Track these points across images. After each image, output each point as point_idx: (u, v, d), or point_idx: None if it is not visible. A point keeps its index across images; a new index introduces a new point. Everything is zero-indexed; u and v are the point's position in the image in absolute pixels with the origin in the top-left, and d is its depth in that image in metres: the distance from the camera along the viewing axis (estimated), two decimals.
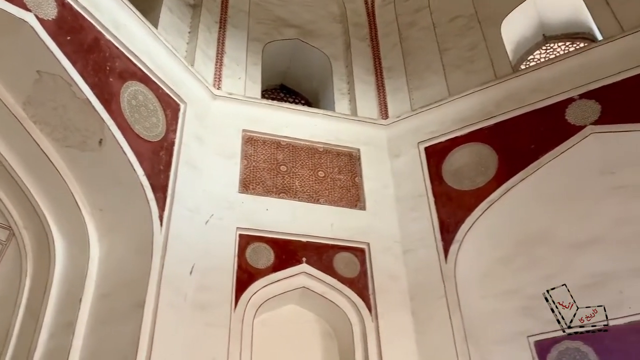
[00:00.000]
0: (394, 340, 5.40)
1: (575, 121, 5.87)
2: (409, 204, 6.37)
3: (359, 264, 5.88)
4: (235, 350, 4.93)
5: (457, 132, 6.56)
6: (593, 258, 5.75)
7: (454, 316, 5.44)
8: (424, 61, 7.56)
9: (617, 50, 5.97)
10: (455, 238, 5.93)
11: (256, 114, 6.55)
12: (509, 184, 5.96)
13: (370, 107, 7.27)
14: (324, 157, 6.57)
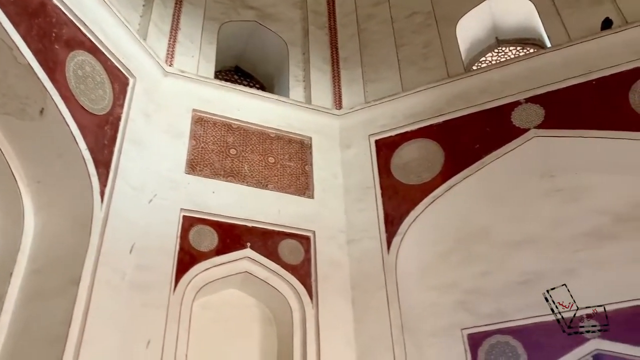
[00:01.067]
0: (332, 328, 5.47)
1: (520, 124, 6.07)
2: (357, 195, 6.44)
3: (303, 251, 5.91)
4: (172, 332, 4.86)
5: (408, 127, 6.66)
6: (527, 257, 6.01)
7: (392, 307, 5.55)
8: (380, 55, 7.63)
9: (563, 57, 6.21)
10: (398, 230, 6.05)
11: (208, 94, 6.43)
12: (453, 181, 6.11)
13: (324, 96, 7.27)
14: (275, 143, 6.54)
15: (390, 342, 5.35)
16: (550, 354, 5.53)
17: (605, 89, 5.84)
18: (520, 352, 5.62)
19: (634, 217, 5.77)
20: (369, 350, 5.39)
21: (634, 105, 5.64)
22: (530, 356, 5.57)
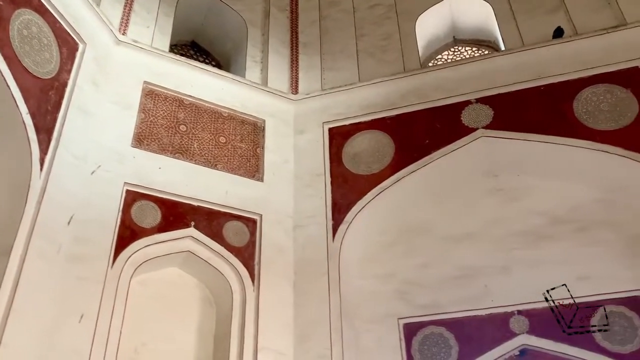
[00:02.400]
0: (272, 311, 5.48)
1: (469, 123, 6.22)
2: (306, 181, 6.45)
3: (248, 234, 5.87)
4: (108, 307, 4.75)
5: (361, 118, 6.70)
6: (465, 252, 6.19)
7: (333, 293, 5.62)
8: (340, 43, 7.62)
9: (515, 62, 6.39)
10: (345, 219, 6.10)
11: (161, 68, 6.25)
12: (401, 174, 6.21)
13: (281, 79, 7.21)
14: (228, 123, 6.44)
15: (328, 328, 5.42)
16: (481, 346, 5.74)
17: (552, 95, 6.05)
18: (452, 344, 5.81)
19: (568, 220, 6.03)
20: (306, 334, 5.45)
21: (578, 113, 5.88)
22: (462, 348, 5.77)
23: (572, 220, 6.02)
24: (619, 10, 6.37)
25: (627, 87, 5.82)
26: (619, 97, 5.81)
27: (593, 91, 5.91)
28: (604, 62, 5.99)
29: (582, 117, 5.84)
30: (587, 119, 5.82)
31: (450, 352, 5.77)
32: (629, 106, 5.73)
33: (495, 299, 5.89)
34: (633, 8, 6.28)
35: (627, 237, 5.79)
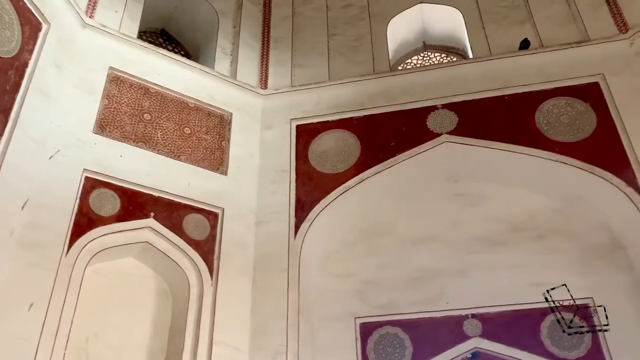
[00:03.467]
0: (229, 306, 5.45)
1: (434, 128, 6.31)
2: (271, 177, 6.42)
3: (209, 227, 5.81)
4: (60, 296, 4.63)
5: (329, 117, 6.72)
6: (424, 255, 6.29)
7: (292, 290, 5.62)
8: (312, 41, 7.62)
9: (482, 70, 6.52)
10: (308, 217, 6.11)
11: (128, 54, 6.12)
12: (365, 174, 6.26)
13: (251, 73, 7.16)
14: (193, 114, 6.36)
15: (285, 324, 5.42)
16: (435, 348, 5.83)
17: (515, 105, 6.20)
18: (407, 344, 5.89)
19: (525, 227, 6.20)
20: (263, 330, 5.43)
21: (539, 124, 6.04)
22: (416, 349, 5.85)
23: (529, 228, 6.18)
24: (583, 27, 6.57)
25: (587, 102, 6.02)
26: (578, 110, 6.00)
27: (554, 103, 6.09)
28: (567, 75, 6.18)
29: (542, 128, 6.00)
30: (548, 130, 5.98)
31: (405, 353, 5.85)
32: (588, 120, 5.92)
33: (450, 302, 6.00)
34: (596, 25, 6.49)
35: (581, 247, 5.98)
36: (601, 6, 6.62)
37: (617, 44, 6.23)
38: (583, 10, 6.69)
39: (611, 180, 5.58)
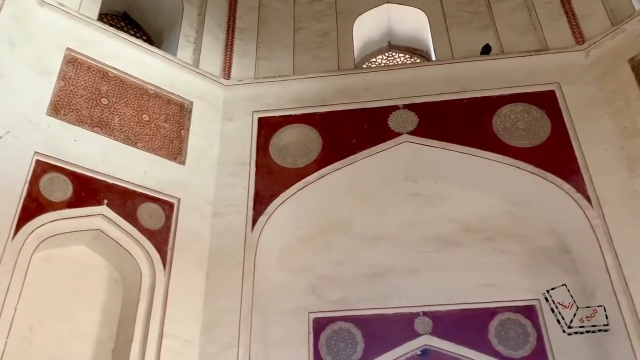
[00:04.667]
0: (181, 298, 5.37)
1: (395, 127, 6.37)
2: (230, 169, 6.36)
3: (164, 217, 5.71)
4: (3, 282, 4.47)
5: (292, 111, 6.70)
6: (380, 252, 6.34)
7: (246, 284, 5.58)
8: (277, 34, 7.58)
9: (444, 73, 6.64)
10: (266, 210, 6.08)
11: (87, 36, 5.95)
12: (325, 170, 6.27)
13: (214, 63, 7.06)
14: (153, 101, 6.23)
15: (238, 318, 5.39)
16: (386, 344, 5.90)
17: (474, 109, 6.33)
18: (359, 340, 5.94)
19: (478, 229, 6.33)
20: (215, 323, 5.38)
21: (496, 129, 6.18)
22: (367, 344, 5.90)
23: (481, 230, 6.32)
24: (542, 36, 6.77)
25: (543, 109, 6.20)
26: (534, 117, 6.17)
27: (512, 109, 6.25)
28: (525, 82, 6.35)
29: (499, 133, 6.15)
30: (504, 134, 6.13)
31: (356, 349, 5.90)
32: (543, 127, 6.10)
33: (403, 299, 6.08)
34: (555, 35, 6.70)
35: (530, 250, 6.16)
36: (560, 17, 6.83)
37: (574, 55, 6.45)
38: (543, 20, 6.89)
39: (562, 186, 5.77)
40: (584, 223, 5.60)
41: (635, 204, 5.48)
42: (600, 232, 5.47)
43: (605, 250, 5.39)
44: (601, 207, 5.56)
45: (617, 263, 5.29)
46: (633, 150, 5.68)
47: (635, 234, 5.35)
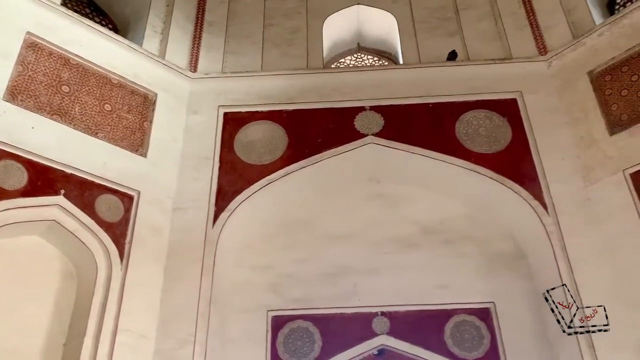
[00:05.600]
0: (138, 292, 5.28)
1: (361, 128, 6.41)
2: (193, 163, 6.28)
3: (123, 210, 5.60)
4: None
5: (259, 107, 6.66)
6: (341, 252, 6.40)
7: (205, 279, 5.53)
8: (247, 29, 7.53)
9: (410, 77, 6.72)
10: (228, 206, 6.02)
11: (49, 20, 5.77)
12: (291, 168, 6.26)
13: (180, 55, 6.96)
14: (116, 91, 6.09)
15: (195, 314, 5.33)
16: (343, 343, 5.95)
17: (438, 113, 6.43)
18: (317, 339, 5.96)
19: (437, 231, 6.45)
20: (171, 318, 5.31)
21: (459, 134, 6.29)
22: (325, 343, 5.93)
23: (441, 232, 6.44)
24: (507, 45, 6.93)
25: (505, 116, 6.34)
26: (496, 124, 6.31)
27: (474, 115, 6.37)
28: (488, 90, 6.49)
29: (462, 138, 6.26)
30: (466, 140, 6.25)
31: (314, 347, 5.92)
32: (504, 134, 6.24)
33: (362, 299, 6.14)
34: (519, 44, 6.87)
35: (486, 254, 6.31)
36: (525, 27, 7.00)
37: (536, 65, 6.62)
38: (509, 30, 7.06)
39: (519, 193, 5.92)
40: (540, 229, 5.76)
41: (588, 212, 5.65)
42: (554, 239, 5.63)
43: (559, 257, 5.55)
44: (556, 214, 5.72)
45: (570, 269, 5.46)
46: (588, 160, 5.86)
47: (588, 242, 5.52)
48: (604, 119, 5.89)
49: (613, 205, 5.51)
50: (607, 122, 5.86)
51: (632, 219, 5.35)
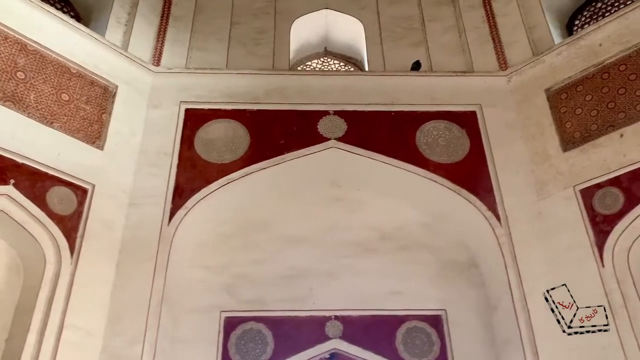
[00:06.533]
0: (87, 288, 5.13)
1: (324, 132, 6.43)
2: (151, 159, 6.15)
3: (76, 203, 5.44)
4: None
5: (222, 105, 6.58)
6: (298, 254, 6.39)
7: (158, 278, 5.43)
8: (214, 25, 7.45)
9: (375, 84, 6.78)
10: (185, 204, 5.93)
11: (5, 3, 5.55)
12: (251, 169, 6.21)
13: (144, 48, 6.83)
14: (75, 81, 5.92)
15: (146, 313, 5.22)
16: (296, 346, 5.94)
17: (400, 121, 6.51)
18: (269, 341, 5.93)
19: (394, 237, 6.54)
20: (121, 317, 5.18)
21: (419, 143, 6.39)
22: (277, 346, 5.91)
23: (397, 238, 6.53)
24: (469, 58, 7.10)
25: (464, 128, 6.48)
26: (455, 135, 6.44)
27: (435, 125, 6.48)
28: (449, 101, 6.62)
29: (421, 147, 6.36)
30: (426, 149, 6.35)
31: (266, 350, 5.89)
32: (462, 145, 6.38)
33: (317, 302, 6.15)
34: (481, 58, 7.05)
35: (441, 261, 6.43)
36: (488, 42, 7.17)
37: (497, 79, 6.79)
38: (472, 44, 7.22)
39: (474, 203, 6.05)
40: (492, 240, 5.90)
41: (539, 226, 5.83)
42: (506, 250, 5.78)
43: (510, 267, 5.69)
44: (509, 226, 5.87)
45: (519, 280, 5.61)
46: (542, 175, 6.04)
47: (538, 254, 5.69)
48: (558, 135, 6.09)
49: (563, 219, 5.70)
50: (561, 139, 6.06)
51: (579, 233, 5.54)
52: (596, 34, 6.18)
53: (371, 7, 7.85)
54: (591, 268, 5.36)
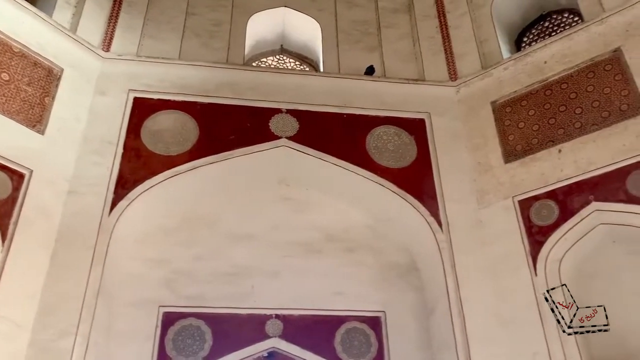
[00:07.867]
0: (18, 277, 4.90)
1: (275, 130, 6.41)
2: (95, 147, 5.96)
3: (11, 187, 5.20)
4: None
5: (172, 96, 6.46)
6: (242, 252, 6.35)
7: (95, 269, 5.27)
8: (168, 14, 7.29)
9: (328, 85, 6.84)
10: (128, 195, 5.78)
11: None
12: (199, 163, 6.12)
13: (93, 31, 6.60)
14: (17, 61, 5.66)
15: (80, 305, 5.06)
16: (234, 344, 5.90)
17: (351, 124, 6.59)
18: (207, 338, 5.86)
19: (339, 239, 6.61)
20: (53, 308, 4.99)
21: (368, 147, 6.48)
22: (215, 343, 5.85)
23: (343, 240, 6.61)
24: (422, 67, 7.25)
25: (412, 135, 6.62)
26: (403, 141, 6.57)
27: (385, 130, 6.59)
28: (400, 107, 6.75)
29: (371, 151, 6.45)
30: (375, 153, 6.44)
31: (204, 346, 5.81)
32: (410, 151, 6.52)
33: (258, 301, 6.13)
34: (432, 68, 7.22)
35: (383, 264, 6.54)
36: (440, 53, 7.35)
37: (446, 89, 6.97)
38: (424, 53, 7.38)
39: (418, 209, 6.19)
40: (433, 245, 6.05)
41: (478, 233, 6.03)
42: (445, 255, 5.94)
43: (448, 273, 5.86)
44: (450, 232, 6.04)
45: (457, 285, 5.77)
46: (483, 184, 6.25)
47: (475, 261, 5.88)
48: (501, 147, 6.32)
49: (501, 228, 5.92)
50: (504, 150, 6.29)
51: (515, 242, 5.77)
52: (542, 52, 6.44)
53: (329, 9, 7.90)
54: (525, 276, 5.58)
